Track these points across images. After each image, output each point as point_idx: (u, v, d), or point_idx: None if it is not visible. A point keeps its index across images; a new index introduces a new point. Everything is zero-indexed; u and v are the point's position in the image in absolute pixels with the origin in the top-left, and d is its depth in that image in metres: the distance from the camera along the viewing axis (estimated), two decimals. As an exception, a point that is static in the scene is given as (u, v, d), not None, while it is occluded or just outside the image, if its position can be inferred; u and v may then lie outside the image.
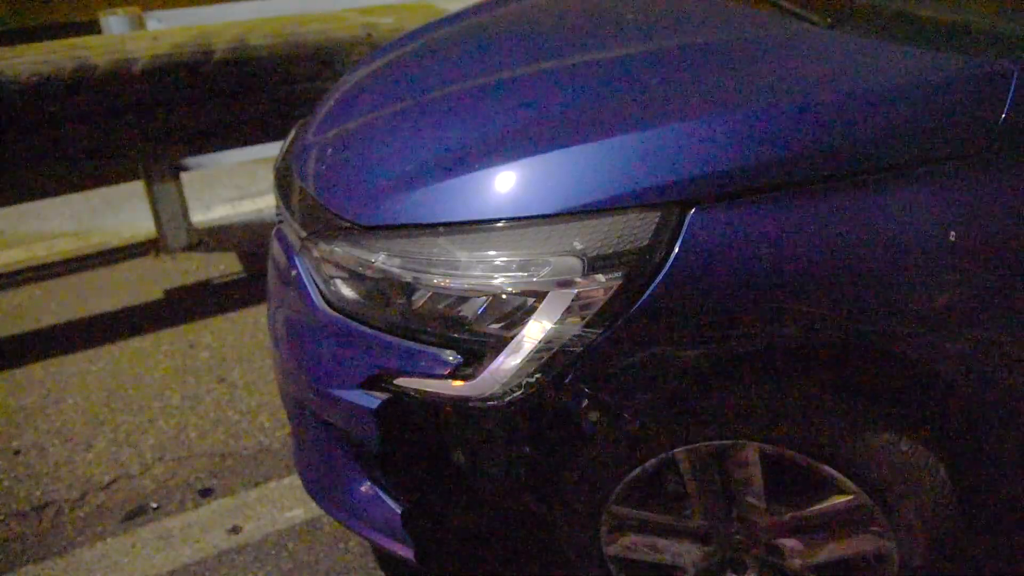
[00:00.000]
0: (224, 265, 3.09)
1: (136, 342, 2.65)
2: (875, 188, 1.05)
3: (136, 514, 1.95)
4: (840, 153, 1.05)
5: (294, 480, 2.01)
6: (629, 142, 1.08)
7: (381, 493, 1.39)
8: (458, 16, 2.06)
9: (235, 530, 1.89)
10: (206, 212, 3.54)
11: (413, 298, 1.17)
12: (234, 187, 3.81)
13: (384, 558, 1.77)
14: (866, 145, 1.06)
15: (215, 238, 3.29)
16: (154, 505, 1.98)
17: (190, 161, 2.96)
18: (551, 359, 1.06)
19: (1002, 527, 1.41)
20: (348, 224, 1.27)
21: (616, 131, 1.10)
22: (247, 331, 2.66)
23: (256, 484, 2.03)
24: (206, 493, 2.01)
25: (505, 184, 1.11)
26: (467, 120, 1.30)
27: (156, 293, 2.94)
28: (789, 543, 1.32)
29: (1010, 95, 1.05)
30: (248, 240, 3.28)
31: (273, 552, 1.83)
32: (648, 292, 1.02)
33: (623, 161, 1.07)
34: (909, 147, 1.07)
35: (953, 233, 1.05)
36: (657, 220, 1.02)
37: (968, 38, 1.23)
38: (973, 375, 1.14)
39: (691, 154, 1.05)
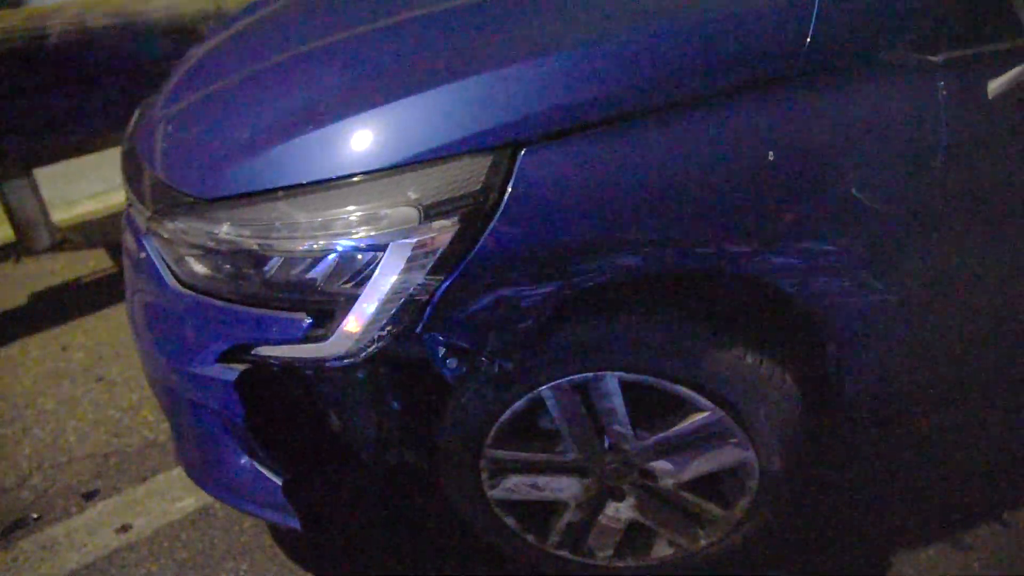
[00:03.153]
0: (93, 262, 2.95)
1: (2, 352, 2.51)
2: (697, 116, 1.10)
3: (16, 527, 1.87)
4: (661, 85, 1.09)
5: (183, 470, 1.97)
6: (457, 90, 1.09)
7: (260, 467, 1.37)
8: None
9: (124, 528, 1.84)
10: (70, 209, 3.36)
11: (264, 266, 1.15)
12: (99, 180, 3.62)
13: (279, 534, 1.76)
14: (686, 75, 1.10)
15: (81, 235, 3.13)
16: (35, 516, 1.90)
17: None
18: (400, 310, 1.07)
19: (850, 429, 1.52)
20: (192, 199, 1.24)
21: (443, 81, 1.10)
22: (122, 326, 2.56)
23: (143, 479, 1.97)
24: (91, 496, 1.94)
25: (338, 143, 1.11)
26: (301, 85, 1.28)
27: (20, 299, 2.79)
28: (660, 465, 1.39)
29: (813, 18, 1.11)
30: (119, 234, 3.13)
31: (166, 544, 1.79)
32: (486, 234, 1.04)
33: (452, 109, 1.08)
34: (727, 74, 1.11)
35: (771, 152, 1.11)
36: (489, 163, 1.04)
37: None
38: (806, 286, 1.22)
39: (518, 97, 1.07)
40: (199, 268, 1.24)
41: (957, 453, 1.91)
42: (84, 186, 3.59)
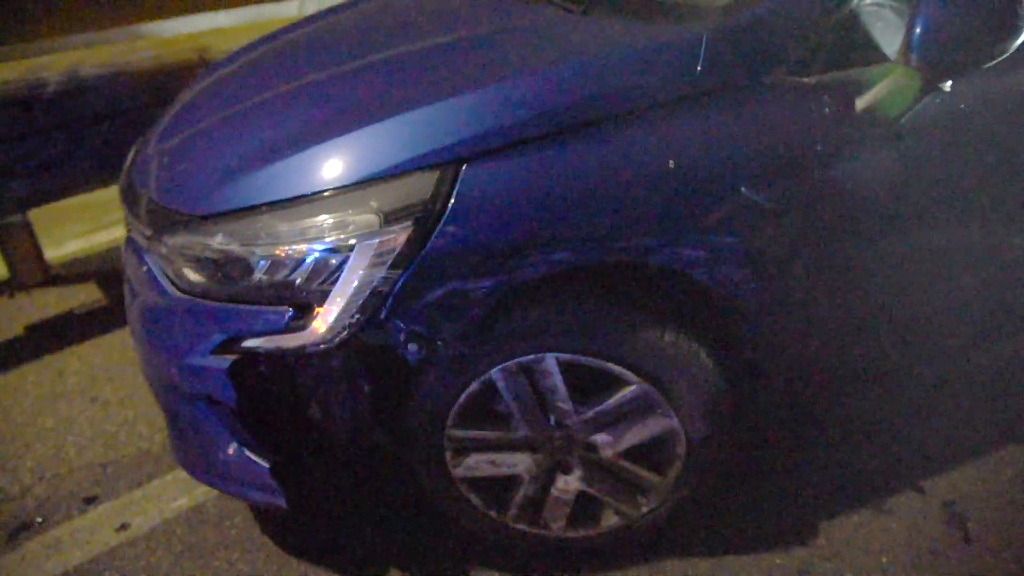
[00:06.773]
0: (84, 295, 3.13)
1: (1, 379, 2.67)
2: (613, 132, 1.34)
3: (21, 530, 2.03)
4: (581, 108, 1.33)
5: (177, 474, 2.14)
6: (408, 119, 1.34)
7: (248, 453, 1.56)
8: (282, 31, 2.25)
9: (124, 527, 2.00)
10: (59, 247, 3.54)
11: (251, 270, 1.36)
12: (86, 220, 3.80)
13: (267, 526, 1.93)
14: (602, 100, 1.34)
15: (72, 271, 3.31)
16: (39, 520, 2.06)
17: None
18: (366, 301, 1.29)
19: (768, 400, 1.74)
20: (187, 217, 1.45)
21: (396, 111, 1.35)
22: (115, 351, 2.74)
23: (139, 484, 2.14)
24: (91, 500, 2.11)
25: (312, 164, 1.35)
26: (281, 118, 1.53)
27: (16, 330, 2.95)
28: (600, 437, 1.59)
29: (702, 53, 1.36)
30: (107, 269, 3.32)
31: (163, 540, 1.96)
32: (435, 235, 1.28)
33: (405, 135, 1.32)
34: (636, 98, 1.35)
35: (672, 161, 1.34)
36: (436, 177, 1.28)
37: (677, 12, 1.53)
38: (713, 275, 1.44)
39: (459, 122, 1.31)
40: (195, 276, 1.45)
41: (876, 427, 2.12)
42: (70, 227, 3.77)
